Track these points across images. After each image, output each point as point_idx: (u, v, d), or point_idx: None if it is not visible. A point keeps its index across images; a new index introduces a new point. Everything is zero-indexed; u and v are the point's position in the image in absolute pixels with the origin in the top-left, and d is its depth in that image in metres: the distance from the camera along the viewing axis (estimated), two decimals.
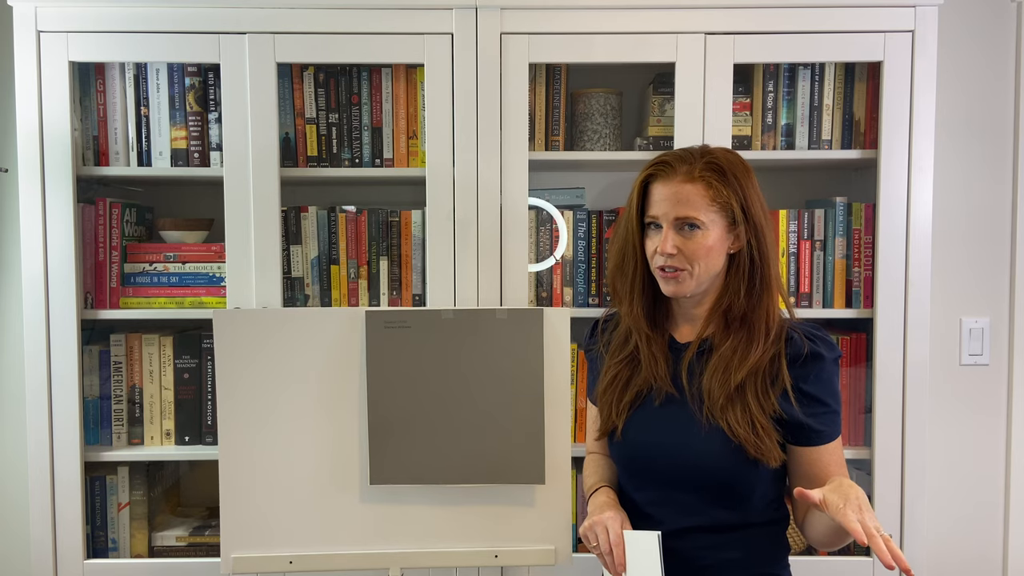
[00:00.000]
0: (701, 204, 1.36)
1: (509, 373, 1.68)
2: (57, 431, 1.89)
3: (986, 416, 2.28)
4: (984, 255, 2.26)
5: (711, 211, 1.36)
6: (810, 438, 1.37)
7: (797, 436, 1.37)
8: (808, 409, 1.36)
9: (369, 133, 1.96)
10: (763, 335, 1.38)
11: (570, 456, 1.73)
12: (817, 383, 1.37)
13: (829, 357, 1.37)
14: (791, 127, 1.98)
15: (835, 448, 1.39)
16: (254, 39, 1.85)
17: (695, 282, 1.39)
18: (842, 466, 1.40)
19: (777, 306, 1.41)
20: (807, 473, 1.39)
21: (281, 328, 1.70)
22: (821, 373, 1.37)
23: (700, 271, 1.38)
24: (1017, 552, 2.27)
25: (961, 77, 2.22)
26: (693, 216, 1.36)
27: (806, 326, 1.41)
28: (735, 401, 1.35)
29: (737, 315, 1.39)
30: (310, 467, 1.71)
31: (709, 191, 1.36)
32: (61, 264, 1.87)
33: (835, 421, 1.39)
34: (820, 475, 1.37)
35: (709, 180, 1.36)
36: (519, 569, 1.88)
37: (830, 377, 1.38)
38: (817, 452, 1.38)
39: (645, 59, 1.88)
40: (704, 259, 1.37)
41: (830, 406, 1.38)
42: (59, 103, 1.85)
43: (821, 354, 1.37)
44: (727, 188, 1.36)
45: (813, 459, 1.38)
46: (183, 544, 2.01)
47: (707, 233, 1.37)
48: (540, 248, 1.99)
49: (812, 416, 1.36)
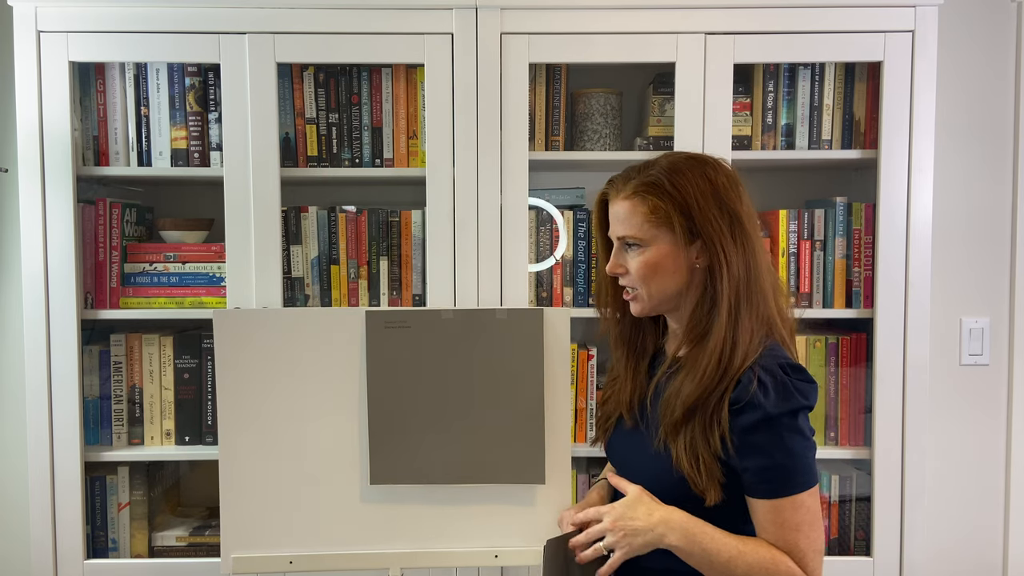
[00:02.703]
0: (636, 221, 1.32)
1: (509, 373, 1.68)
2: (57, 431, 1.89)
3: (986, 416, 2.28)
4: (984, 255, 2.26)
5: (650, 227, 1.31)
6: (746, 489, 1.27)
7: (738, 484, 1.27)
8: (748, 460, 1.25)
9: (369, 133, 1.96)
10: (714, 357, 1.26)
11: (570, 456, 1.73)
12: (758, 433, 1.23)
13: (774, 411, 1.22)
14: (791, 127, 1.98)
15: (786, 508, 1.23)
16: (254, 39, 1.85)
17: (648, 302, 1.35)
18: (794, 530, 1.23)
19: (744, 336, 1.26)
20: (758, 526, 1.28)
21: (281, 328, 1.70)
22: (764, 425, 1.23)
23: (649, 290, 1.34)
24: (1017, 552, 2.27)
25: (961, 77, 2.22)
26: (629, 235, 1.33)
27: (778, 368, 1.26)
28: (684, 431, 1.28)
29: (698, 335, 1.30)
30: (310, 467, 1.71)
31: (644, 206, 1.31)
32: (61, 264, 1.87)
33: (781, 477, 1.23)
34: (769, 534, 1.26)
35: (643, 195, 1.31)
36: (519, 569, 1.88)
37: (778, 431, 1.22)
38: (755, 504, 1.26)
39: (645, 59, 1.88)
40: (649, 278, 1.32)
41: (774, 459, 1.23)
42: (59, 103, 1.85)
43: (762, 405, 1.22)
44: (664, 202, 1.29)
45: (757, 510, 1.26)
46: (183, 544, 2.01)
47: (648, 250, 1.32)
48: (540, 248, 1.99)
49: (750, 467, 1.25)
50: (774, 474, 1.24)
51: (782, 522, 1.24)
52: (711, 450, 1.26)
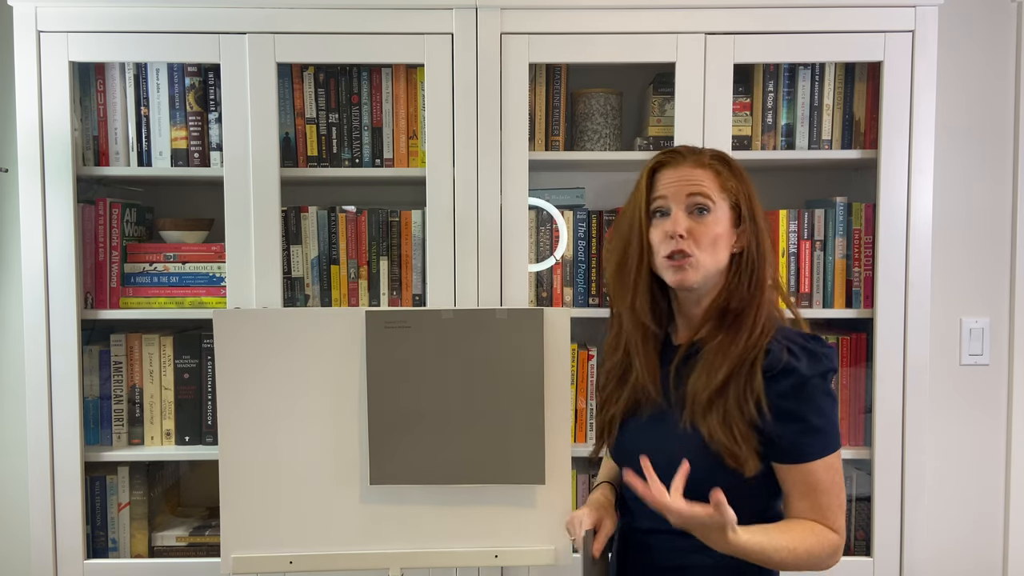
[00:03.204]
0: (712, 187, 1.36)
1: (509, 373, 1.68)
2: (57, 431, 1.89)
3: (986, 416, 2.28)
4: (984, 255, 2.26)
5: (720, 197, 1.36)
6: (782, 455, 1.31)
7: (772, 452, 1.31)
8: (782, 426, 1.29)
9: (369, 133, 1.96)
10: (748, 332, 1.33)
11: (570, 456, 1.73)
12: (793, 398, 1.29)
13: (808, 373, 1.29)
14: (791, 127, 1.98)
15: (818, 470, 1.30)
16: (254, 39, 1.85)
17: (700, 273, 1.35)
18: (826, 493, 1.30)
19: (771, 306, 1.38)
20: (790, 494, 1.33)
21: (281, 328, 1.70)
22: (799, 389, 1.29)
23: (706, 260, 1.35)
24: (1017, 552, 2.27)
25: (961, 77, 2.22)
26: (706, 193, 1.35)
27: (799, 337, 1.35)
28: (717, 405, 1.31)
29: (732, 315, 1.36)
30: (310, 467, 1.71)
31: (718, 178, 1.37)
32: (61, 264, 1.87)
33: (816, 439, 1.30)
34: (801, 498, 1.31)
35: (717, 168, 1.37)
36: (519, 569, 1.88)
37: (811, 393, 1.29)
38: (793, 471, 1.31)
39: (645, 59, 1.88)
40: (711, 247, 1.35)
41: (806, 421, 1.29)
42: (59, 103, 1.85)
43: (796, 369, 1.29)
44: (734, 179, 1.37)
45: (792, 478, 1.31)
46: (183, 544, 2.01)
47: (716, 219, 1.35)
48: (540, 248, 1.99)
49: (785, 432, 1.29)
50: (811, 437, 1.30)
51: (815, 484, 1.30)
52: (746, 419, 1.30)
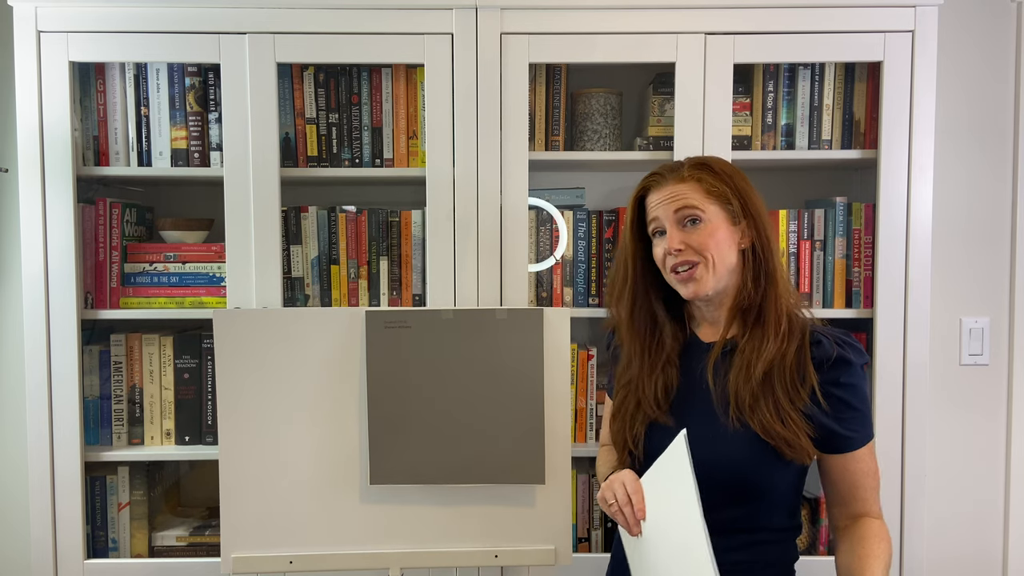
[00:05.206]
0: (697, 197, 1.38)
1: (509, 373, 1.68)
2: (57, 431, 1.89)
3: (986, 416, 2.28)
4: (984, 255, 2.26)
5: (709, 203, 1.38)
6: (839, 444, 1.37)
7: (826, 443, 1.37)
8: (837, 414, 1.36)
9: (369, 133, 1.96)
10: (774, 326, 1.37)
11: (570, 456, 1.73)
12: (845, 388, 1.36)
13: (857, 362, 1.37)
14: (791, 127, 1.98)
15: (865, 456, 1.38)
16: (254, 39, 1.85)
17: (713, 276, 1.37)
18: (871, 476, 1.39)
19: (785, 299, 1.40)
20: (839, 483, 1.40)
21: (281, 328, 1.70)
22: (850, 378, 1.36)
23: (715, 261, 1.37)
24: (1017, 552, 2.27)
25: (961, 77, 2.22)
26: (692, 206, 1.38)
27: (835, 331, 1.41)
28: (764, 399, 1.34)
29: (752, 312, 1.39)
30: (310, 467, 1.71)
31: (701, 186, 1.39)
32: (61, 264, 1.87)
33: (865, 425, 1.38)
34: (851, 486, 1.39)
35: (699, 177, 1.40)
36: (519, 569, 1.88)
37: (859, 382, 1.37)
38: (846, 460, 1.38)
39: (645, 59, 1.88)
40: (715, 249, 1.37)
41: (859, 410, 1.37)
42: (59, 103, 1.85)
43: (849, 359, 1.36)
44: (719, 182, 1.39)
45: (843, 467, 1.39)
46: (183, 544, 2.01)
47: (710, 224, 1.38)
48: (540, 248, 1.99)
49: (840, 421, 1.36)
50: (861, 423, 1.38)
51: (864, 469, 1.39)
52: (797, 410, 1.34)
